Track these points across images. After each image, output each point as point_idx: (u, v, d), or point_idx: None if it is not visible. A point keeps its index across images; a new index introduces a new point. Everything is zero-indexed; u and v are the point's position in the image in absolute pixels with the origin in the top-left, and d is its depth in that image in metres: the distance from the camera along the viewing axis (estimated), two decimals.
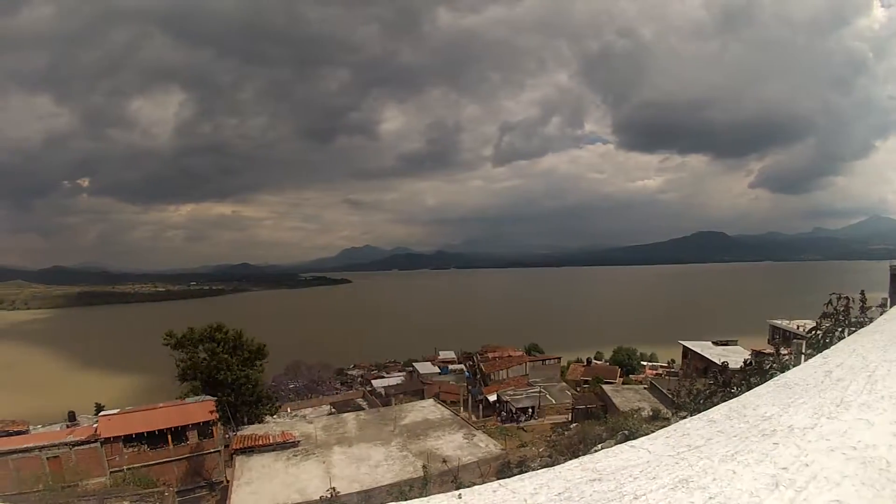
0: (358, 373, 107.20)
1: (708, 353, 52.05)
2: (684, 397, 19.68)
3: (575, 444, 26.64)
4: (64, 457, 37.83)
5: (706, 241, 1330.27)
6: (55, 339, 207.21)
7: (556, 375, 76.03)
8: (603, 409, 43.81)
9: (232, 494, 28.01)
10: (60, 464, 37.33)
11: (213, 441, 42.24)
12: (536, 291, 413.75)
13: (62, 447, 38.30)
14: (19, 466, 36.30)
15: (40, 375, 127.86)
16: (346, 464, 30.59)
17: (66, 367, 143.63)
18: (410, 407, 44.16)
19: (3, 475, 35.72)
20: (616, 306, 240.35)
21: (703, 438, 2.77)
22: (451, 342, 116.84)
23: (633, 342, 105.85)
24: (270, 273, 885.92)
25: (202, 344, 47.27)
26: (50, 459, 37.31)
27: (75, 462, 37.71)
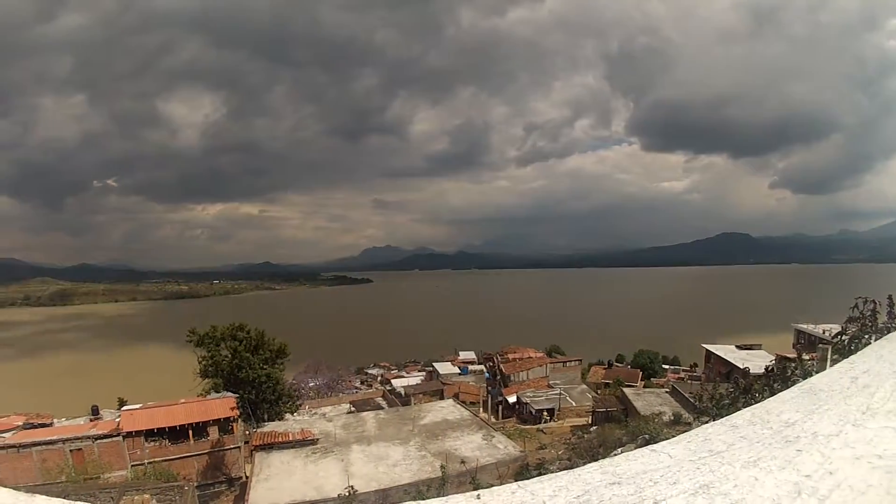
0: (378, 372, 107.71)
1: (731, 357, 51.36)
2: (706, 402, 19.40)
3: (594, 448, 26.47)
4: (87, 450, 38.45)
5: (730, 243, 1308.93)
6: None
7: (577, 378, 75.50)
8: (624, 413, 43.43)
9: (251, 490, 28.29)
10: (83, 456, 37.98)
11: (234, 437, 42.62)
12: (557, 292, 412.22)
13: (85, 440, 38.92)
14: (43, 458, 37.08)
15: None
16: (364, 462, 30.71)
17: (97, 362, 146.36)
18: (430, 407, 44.18)
19: (27, 466, 36.54)
20: (638, 308, 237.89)
21: (724, 444, 2.74)
22: (471, 342, 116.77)
23: (655, 345, 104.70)
24: (292, 272, 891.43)
25: (224, 342, 47.82)
26: (73, 452, 37.95)
27: (97, 455, 38.31)
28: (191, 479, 35.36)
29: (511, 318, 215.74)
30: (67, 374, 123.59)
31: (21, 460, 36.98)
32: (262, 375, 45.92)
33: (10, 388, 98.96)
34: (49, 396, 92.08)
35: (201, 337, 48.13)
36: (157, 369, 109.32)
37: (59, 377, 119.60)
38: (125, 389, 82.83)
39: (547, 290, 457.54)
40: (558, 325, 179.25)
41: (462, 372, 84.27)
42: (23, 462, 36.85)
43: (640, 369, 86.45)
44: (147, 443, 40.46)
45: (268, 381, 46.48)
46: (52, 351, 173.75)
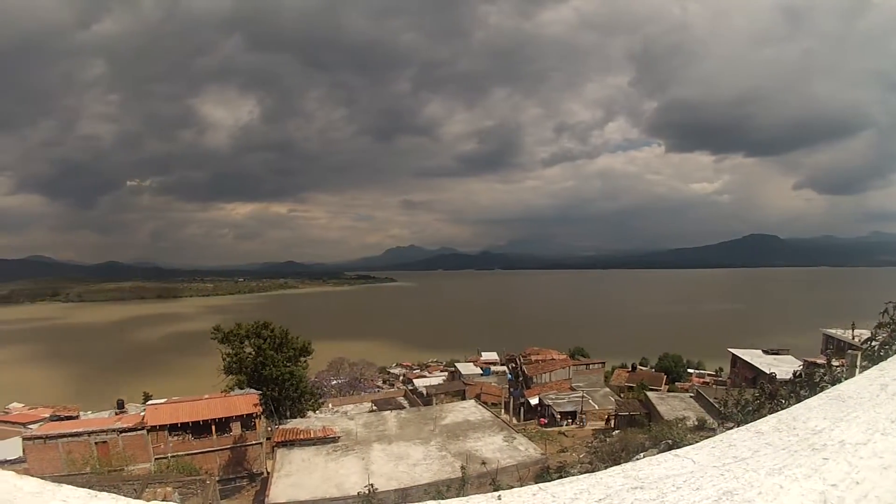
0: (400, 371, 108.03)
1: (757, 361, 50.53)
2: (731, 407, 19.12)
3: (616, 452, 26.23)
4: (111, 442, 39.34)
5: (757, 245, 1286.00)
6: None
7: (600, 380, 74.98)
8: (647, 417, 42.97)
9: (272, 486, 28.56)
10: (108, 449, 38.85)
11: (256, 433, 43.18)
12: (581, 294, 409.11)
13: (110, 433, 39.86)
14: (69, 449, 38.05)
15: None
16: (384, 461, 30.83)
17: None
18: (451, 407, 44.14)
19: (53, 457, 37.50)
20: (663, 311, 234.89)
21: (749, 450, 2.70)
22: (493, 343, 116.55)
23: (679, 348, 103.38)
24: (316, 271, 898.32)
25: (248, 340, 48.34)
26: (98, 444, 38.90)
27: (122, 448, 39.15)
28: (213, 473, 35.88)
29: (534, 319, 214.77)
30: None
31: (47, 451, 38.00)
32: (285, 373, 46.32)
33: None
34: (77, 390, 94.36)
35: (226, 334, 48.71)
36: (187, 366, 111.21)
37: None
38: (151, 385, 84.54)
39: (570, 291, 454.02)
40: (582, 326, 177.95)
41: (484, 373, 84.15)
42: (49, 453, 37.84)
43: (664, 373, 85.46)
44: (171, 437, 41.25)
45: (291, 378, 46.84)
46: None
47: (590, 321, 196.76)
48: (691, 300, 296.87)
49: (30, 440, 40.02)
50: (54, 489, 2.74)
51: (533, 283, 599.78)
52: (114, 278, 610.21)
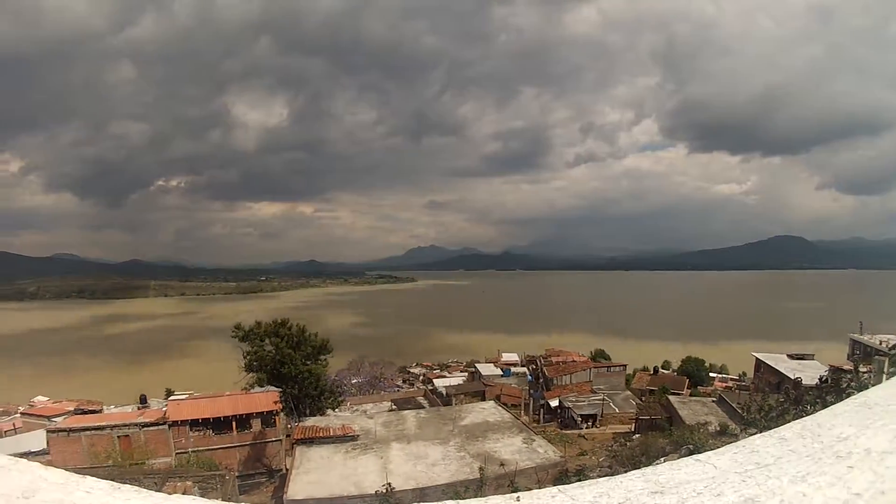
0: (420, 371, 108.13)
1: (782, 366, 49.78)
2: (754, 413, 18.87)
3: (637, 457, 25.96)
4: (133, 436, 40.05)
5: (784, 246, 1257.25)
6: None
7: (621, 383, 74.55)
8: (668, 421, 42.46)
9: (290, 482, 28.75)
10: (130, 442, 39.57)
11: (276, 430, 43.59)
12: (603, 295, 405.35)
13: (132, 427, 40.59)
14: (92, 442, 38.84)
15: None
16: (403, 460, 30.89)
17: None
18: (471, 408, 44.09)
19: (76, 450, 38.28)
20: (686, 314, 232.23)
21: (772, 457, 2.67)
22: (514, 344, 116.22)
23: (702, 352, 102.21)
24: (338, 270, 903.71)
25: (268, 338, 48.81)
26: (120, 438, 39.64)
27: (144, 442, 39.85)
28: (232, 469, 36.34)
29: (555, 319, 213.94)
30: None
31: (71, 444, 38.80)
32: (304, 371, 46.69)
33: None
34: (101, 384, 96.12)
35: (246, 333, 49.24)
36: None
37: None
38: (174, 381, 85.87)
39: (592, 292, 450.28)
40: (603, 328, 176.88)
41: (504, 374, 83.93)
42: (72, 445, 38.65)
43: (686, 377, 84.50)
44: (192, 432, 41.83)
45: (310, 376, 47.23)
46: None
47: (611, 323, 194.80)
48: (715, 303, 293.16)
49: (54, 433, 40.95)
50: (78, 480, 2.81)
51: (554, 284, 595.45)
52: (138, 276, 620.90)
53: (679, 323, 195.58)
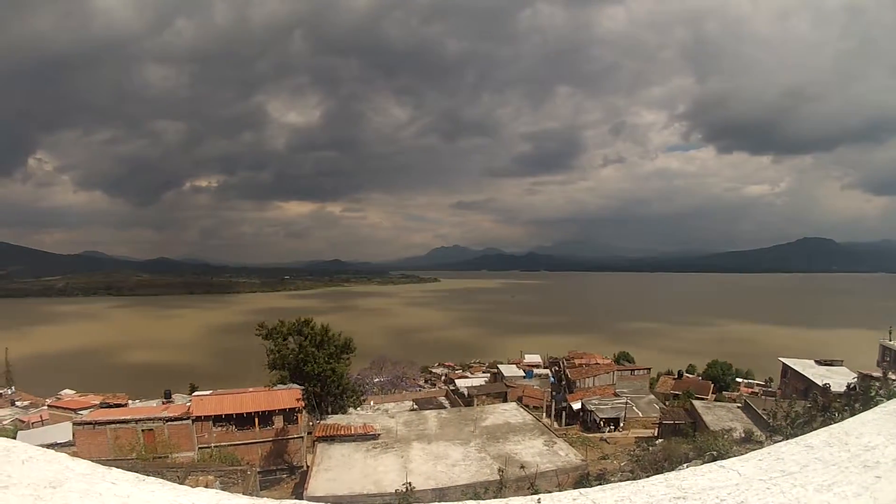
0: (442, 371, 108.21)
1: (809, 372, 48.82)
2: (780, 420, 18.51)
3: (659, 462, 25.69)
4: (157, 430, 40.80)
5: (812, 248, 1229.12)
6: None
7: (645, 387, 73.82)
8: (692, 427, 41.96)
9: (311, 479, 28.97)
10: (154, 436, 40.31)
11: (298, 427, 43.96)
12: (627, 297, 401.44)
13: (157, 421, 41.38)
14: (117, 435, 39.69)
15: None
16: (423, 460, 30.92)
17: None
18: (492, 409, 44.01)
19: (101, 442, 39.14)
20: (711, 317, 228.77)
21: (798, 464, 2.63)
22: (537, 345, 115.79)
23: (728, 356, 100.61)
24: (360, 270, 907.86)
25: (291, 336, 49.26)
26: (145, 432, 40.46)
27: (167, 436, 40.57)
28: (253, 465, 36.80)
29: (579, 321, 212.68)
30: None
31: (96, 436, 39.71)
32: (326, 370, 47.03)
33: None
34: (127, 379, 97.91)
35: (269, 331, 49.73)
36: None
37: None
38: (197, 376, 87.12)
39: (616, 294, 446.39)
40: (627, 331, 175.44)
41: (527, 375, 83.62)
42: (97, 438, 39.53)
43: (711, 381, 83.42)
44: (215, 427, 42.40)
45: (332, 375, 47.55)
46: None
47: (635, 326, 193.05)
48: (741, 306, 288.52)
49: (80, 425, 42.01)
50: (104, 472, 2.88)
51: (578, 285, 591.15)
52: (164, 273, 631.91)
53: (705, 326, 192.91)
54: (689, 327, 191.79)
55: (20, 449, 2.98)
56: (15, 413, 71.70)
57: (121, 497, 2.62)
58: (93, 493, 2.61)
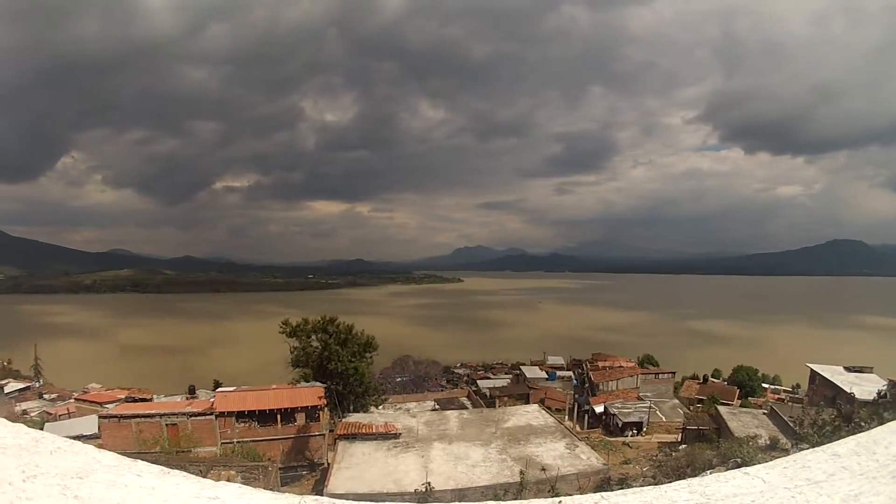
0: (464, 372, 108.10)
1: (838, 379, 47.70)
2: (807, 427, 18.18)
3: (682, 468, 25.36)
4: (181, 425, 41.52)
5: (842, 251, 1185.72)
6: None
7: (669, 391, 72.97)
8: (716, 433, 41.37)
9: (331, 476, 29.16)
10: (177, 431, 41.00)
11: (319, 425, 44.30)
12: (652, 299, 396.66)
13: (180, 416, 42.15)
14: (141, 429, 40.48)
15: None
16: (444, 460, 30.93)
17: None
18: (514, 410, 43.86)
19: (126, 435, 39.94)
20: (737, 320, 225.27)
21: (824, 473, 2.58)
22: (560, 347, 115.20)
23: (754, 361, 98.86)
24: (384, 269, 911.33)
25: (315, 334, 49.64)
26: (168, 426, 41.18)
27: (191, 431, 41.24)
28: (275, 461, 37.06)
29: (602, 323, 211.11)
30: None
31: (121, 429, 40.61)
32: (349, 368, 47.32)
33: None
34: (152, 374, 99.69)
35: (294, 329, 50.17)
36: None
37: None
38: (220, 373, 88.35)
39: (641, 295, 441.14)
40: (652, 334, 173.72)
41: (549, 377, 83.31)
42: (122, 431, 40.42)
43: (737, 387, 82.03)
44: (237, 423, 43.03)
45: (355, 374, 47.84)
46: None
47: (660, 329, 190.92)
48: (768, 309, 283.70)
49: (105, 418, 42.96)
50: (130, 463, 2.93)
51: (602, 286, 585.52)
52: (190, 271, 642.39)
53: (730, 330, 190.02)
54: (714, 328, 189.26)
55: (48, 440, 3.05)
56: (42, 405, 73.41)
57: (146, 489, 2.67)
58: (119, 484, 2.66)
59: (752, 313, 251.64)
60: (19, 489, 2.45)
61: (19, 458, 2.73)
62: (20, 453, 2.80)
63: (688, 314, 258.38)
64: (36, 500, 2.39)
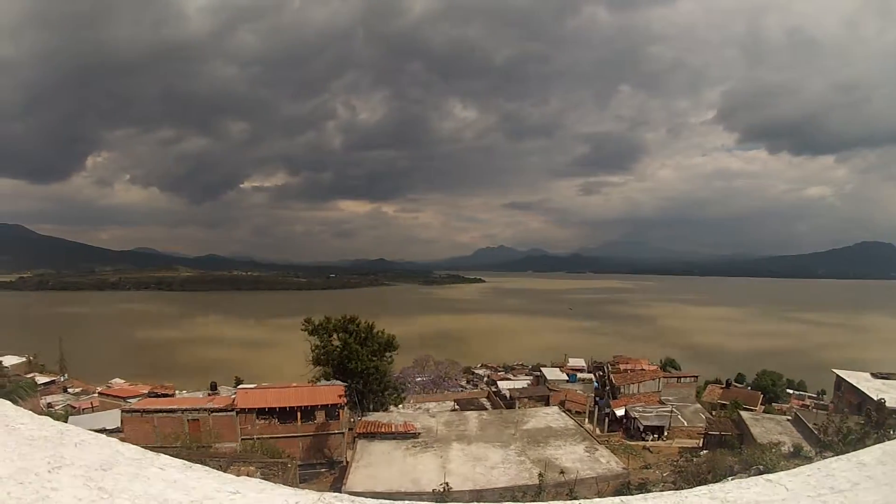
0: (484, 372, 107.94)
1: (864, 386, 46.61)
2: (832, 435, 17.87)
3: (703, 474, 25.08)
4: (202, 420, 42.02)
5: (871, 253, 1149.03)
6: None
7: (691, 395, 72.24)
8: (738, 439, 40.80)
9: (350, 475, 29.26)
10: (199, 426, 41.51)
11: (339, 423, 44.55)
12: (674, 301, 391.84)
13: (202, 412, 42.69)
14: (163, 424, 41.11)
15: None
16: (462, 461, 30.88)
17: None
18: (534, 412, 43.67)
19: (148, 430, 40.56)
20: (762, 323, 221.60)
21: (849, 482, 2.53)
22: (581, 349, 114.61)
23: (779, 366, 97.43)
24: (405, 269, 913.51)
25: (336, 333, 49.93)
26: (190, 421, 41.69)
27: (212, 426, 41.71)
28: (294, 458, 37.55)
29: (623, 325, 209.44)
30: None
31: (143, 424, 41.28)
32: (369, 367, 47.52)
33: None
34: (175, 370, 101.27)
35: (315, 327, 50.50)
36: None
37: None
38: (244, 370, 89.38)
39: (662, 297, 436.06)
40: (674, 337, 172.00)
41: (570, 379, 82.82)
42: (144, 425, 41.07)
43: (761, 392, 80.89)
44: (258, 420, 43.48)
45: (375, 372, 48.03)
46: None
47: (682, 332, 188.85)
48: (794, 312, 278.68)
49: (128, 413, 43.72)
50: (153, 457, 2.99)
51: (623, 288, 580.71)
52: (213, 270, 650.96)
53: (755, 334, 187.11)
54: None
55: (73, 432, 3.12)
56: (67, 399, 74.87)
57: (168, 482, 2.72)
58: (142, 476, 2.71)
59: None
60: (45, 479, 2.50)
61: (45, 450, 2.80)
62: (46, 445, 2.87)
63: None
64: (61, 490, 2.44)
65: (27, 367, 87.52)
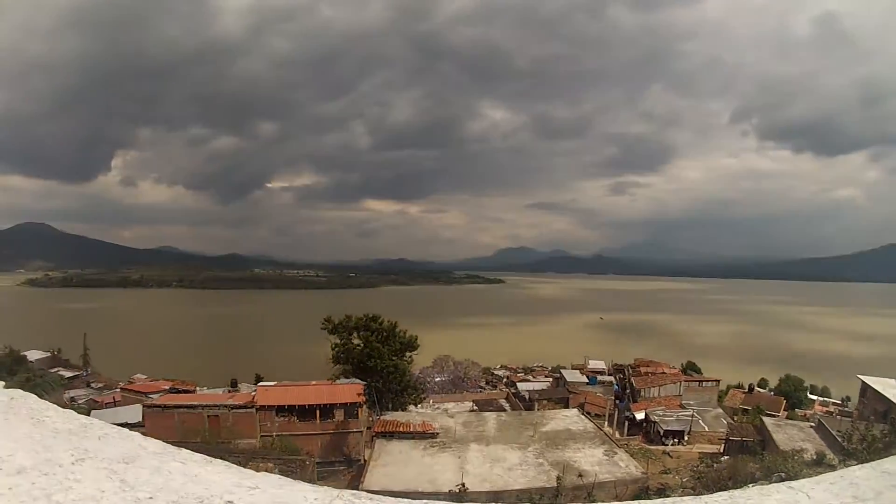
0: (504, 373, 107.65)
1: (890, 393, 45.63)
2: (856, 443, 17.54)
3: (724, 480, 24.75)
4: (222, 417, 42.69)
5: None
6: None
7: (713, 400, 71.34)
8: (760, 445, 40.16)
9: (367, 473, 29.47)
10: (219, 422, 42.16)
11: (358, 422, 44.87)
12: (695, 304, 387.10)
13: (222, 408, 43.40)
14: (184, 420, 41.81)
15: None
16: (480, 462, 30.85)
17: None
18: (553, 414, 43.53)
19: (169, 425, 41.14)
20: (785, 327, 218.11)
21: (873, 491, 2.48)
22: (602, 351, 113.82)
23: (803, 371, 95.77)
24: (426, 269, 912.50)
25: (357, 332, 50.18)
26: (210, 417, 42.38)
27: (232, 423, 42.33)
28: (313, 455, 37.90)
29: (644, 328, 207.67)
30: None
31: (164, 419, 42.08)
32: (389, 366, 47.69)
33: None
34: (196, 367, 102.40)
35: (335, 325, 50.79)
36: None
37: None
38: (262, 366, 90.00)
39: (684, 300, 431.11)
40: (695, 339, 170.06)
41: (590, 382, 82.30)
42: (165, 421, 41.80)
43: (783, 397, 79.60)
44: (277, 417, 43.98)
45: (395, 372, 48.19)
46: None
47: (703, 335, 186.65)
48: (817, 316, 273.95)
49: (150, 408, 44.55)
50: (174, 451, 3.04)
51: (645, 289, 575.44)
52: (233, 268, 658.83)
53: (778, 338, 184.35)
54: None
55: (96, 426, 3.18)
56: (90, 394, 75.98)
57: (189, 476, 2.76)
58: (164, 470, 2.76)
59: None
60: (69, 471, 2.56)
61: (69, 442, 2.86)
62: (70, 438, 2.94)
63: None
64: (84, 481, 2.49)
65: (51, 362, 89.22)
